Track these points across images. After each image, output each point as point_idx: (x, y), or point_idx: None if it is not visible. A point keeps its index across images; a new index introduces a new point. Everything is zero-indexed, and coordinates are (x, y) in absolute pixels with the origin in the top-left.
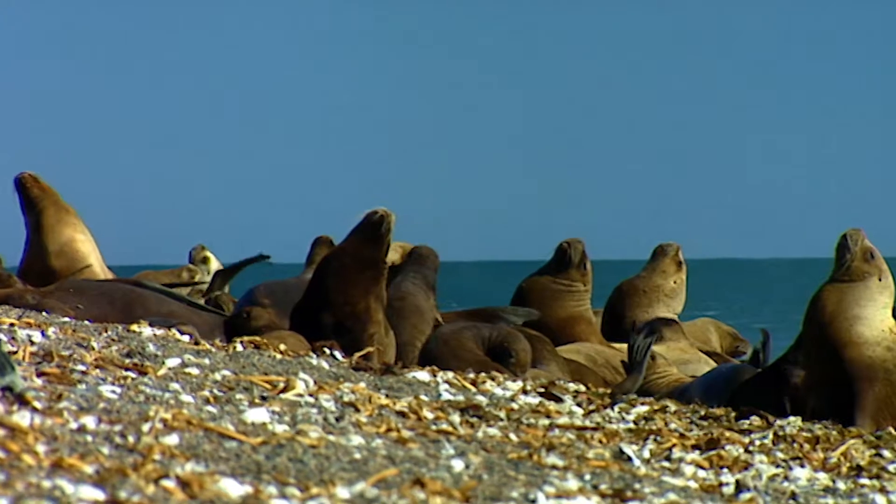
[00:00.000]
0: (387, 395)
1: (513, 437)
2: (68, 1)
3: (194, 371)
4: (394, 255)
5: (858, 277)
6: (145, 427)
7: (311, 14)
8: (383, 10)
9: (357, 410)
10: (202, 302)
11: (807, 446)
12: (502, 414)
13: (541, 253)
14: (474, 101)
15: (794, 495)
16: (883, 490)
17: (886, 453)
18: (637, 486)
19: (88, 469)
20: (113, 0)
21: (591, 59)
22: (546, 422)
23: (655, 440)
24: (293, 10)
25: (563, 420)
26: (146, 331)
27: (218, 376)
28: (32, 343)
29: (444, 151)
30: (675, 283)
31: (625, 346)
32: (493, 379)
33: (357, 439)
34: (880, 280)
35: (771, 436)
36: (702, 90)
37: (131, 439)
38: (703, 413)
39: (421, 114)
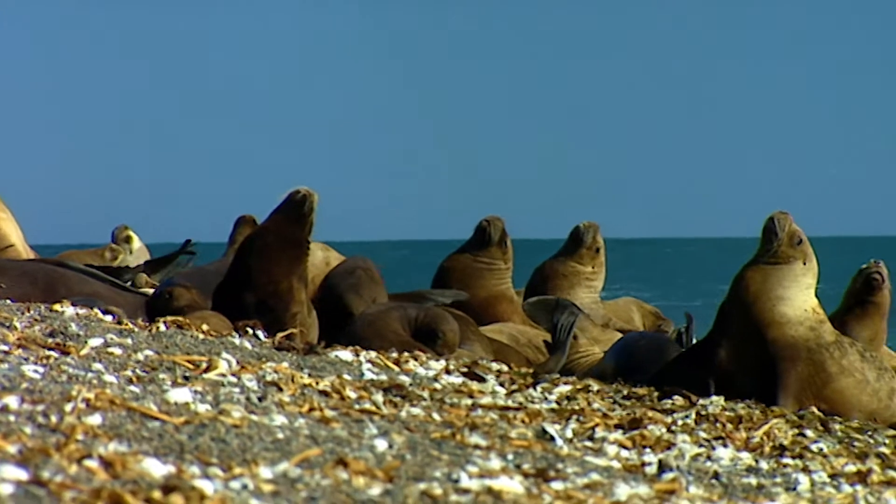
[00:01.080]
0: (309, 375)
1: (436, 416)
2: None
3: (117, 351)
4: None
5: (784, 260)
6: (68, 407)
7: None
8: None
9: (280, 390)
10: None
11: (729, 426)
12: (425, 394)
13: (459, 232)
14: (380, 70)
15: (716, 475)
16: (806, 469)
17: (809, 433)
18: (560, 465)
19: (11, 449)
20: None
21: (503, 35)
22: (469, 402)
23: (578, 420)
24: None
25: (486, 400)
26: (69, 310)
27: (141, 356)
28: None
29: (357, 130)
30: (594, 264)
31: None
32: (415, 359)
33: (280, 419)
34: (805, 264)
35: (694, 415)
36: (616, 65)
37: (54, 419)
38: (625, 392)
39: (337, 95)
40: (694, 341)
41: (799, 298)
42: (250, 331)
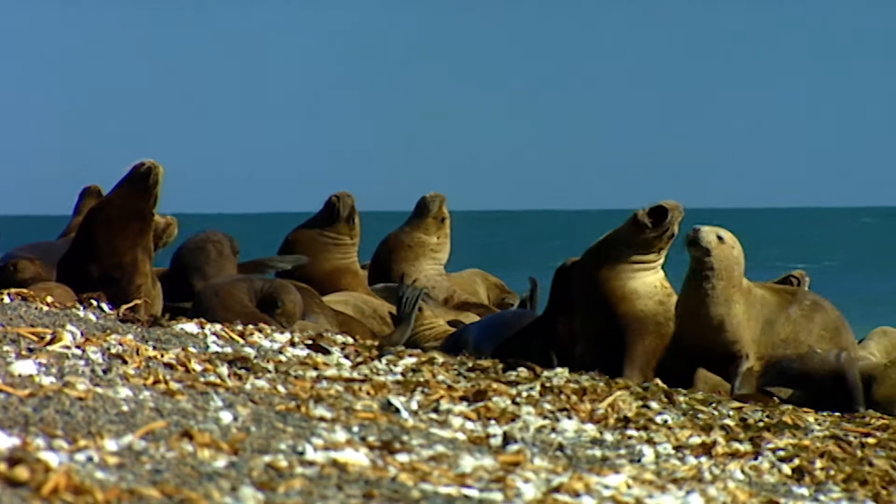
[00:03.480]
0: (154, 347)
1: (281, 389)
2: None
3: None
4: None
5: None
6: None
7: None
8: None
9: (125, 362)
10: None
11: (574, 398)
12: (270, 366)
13: (310, 205)
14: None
15: (561, 447)
16: (650, 441)
17: (654, 405)
18: (405, 437)
19: None
20: None
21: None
22: (314, 374)
23: (423, 392)
24: None
25: (331, 372)
26: None
27: None
28: None
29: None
30: (438, 237)
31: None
32: (260, 331)
33: (125, 391)
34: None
35: (538, 387)
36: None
37: None
38: (470, 365)
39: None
40: (539, 308)
41: (649, 274)
42: (95, 303)
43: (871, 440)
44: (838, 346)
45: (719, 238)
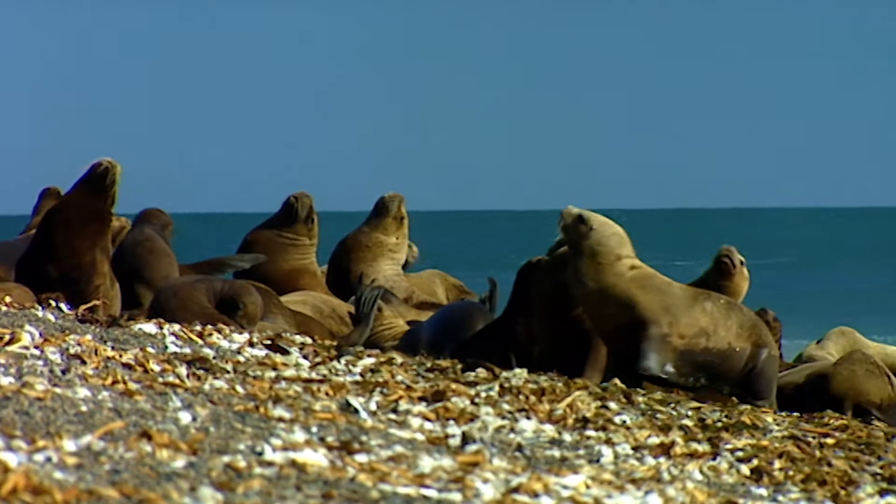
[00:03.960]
0: (113, 348)
1: (239, 389)
2: None
3: None
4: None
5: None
6: None
7: None
8: None
9: (83, 363)
10: None
11: (533, 398)
12: (229, 367)
13: (270, 206)
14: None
15: (520, 447)
16: (609, 442)
17: (612, 405)
18: (364, 438)
19: None
20: None
21: None
22: (272, 374)
23: (382, 392)
24: None
25: (290, 372)
26: None
27: None
28: None
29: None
30: (397, 237)
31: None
32: (219, 332)
33: (83, 392)
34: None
35: (497, 388)
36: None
37: None
38: (429, 365)
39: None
40: (498, 308)
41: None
42: (53, 303)
43: (829, 440)
44: (755, 342)
45: (580, 217)
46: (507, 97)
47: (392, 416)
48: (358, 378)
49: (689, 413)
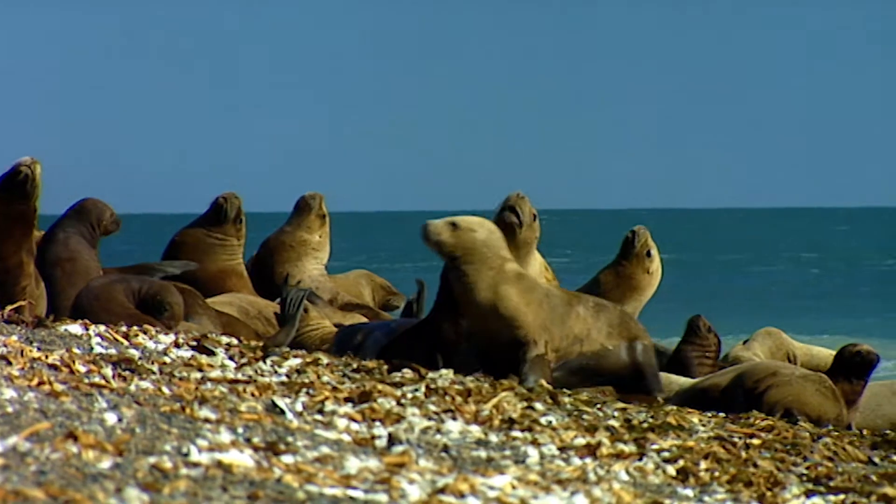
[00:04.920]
0: (39, 349)
1: (165, 390)
2: None
3: None
4: None
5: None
6: None
7: None
8: None
9: (9, 364)
10: None
11: (459, 399)
12: (155, 367)
13: (194, 206)
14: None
15: (446, 448)
16: (535, 442)
17: (538, 406)
18: (290, 439)
19: None
20: None
21: None
22: (198, 375)
23: (308, 393)
24: None
25: (216, 373)
26: None
27: None
28: None
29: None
30: (320, 235)
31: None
32: (145, 332)
33: (9, 392)
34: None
35: (423, 388)
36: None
37: None
38: (355, 366)
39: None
40: (426, 310)
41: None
42: None
43: (755, 441)
44: (627, 338)
45: (452, 225)
46: (436, 93)
47: (318, 416)
48: (284, 379)
49: (616, 414)
